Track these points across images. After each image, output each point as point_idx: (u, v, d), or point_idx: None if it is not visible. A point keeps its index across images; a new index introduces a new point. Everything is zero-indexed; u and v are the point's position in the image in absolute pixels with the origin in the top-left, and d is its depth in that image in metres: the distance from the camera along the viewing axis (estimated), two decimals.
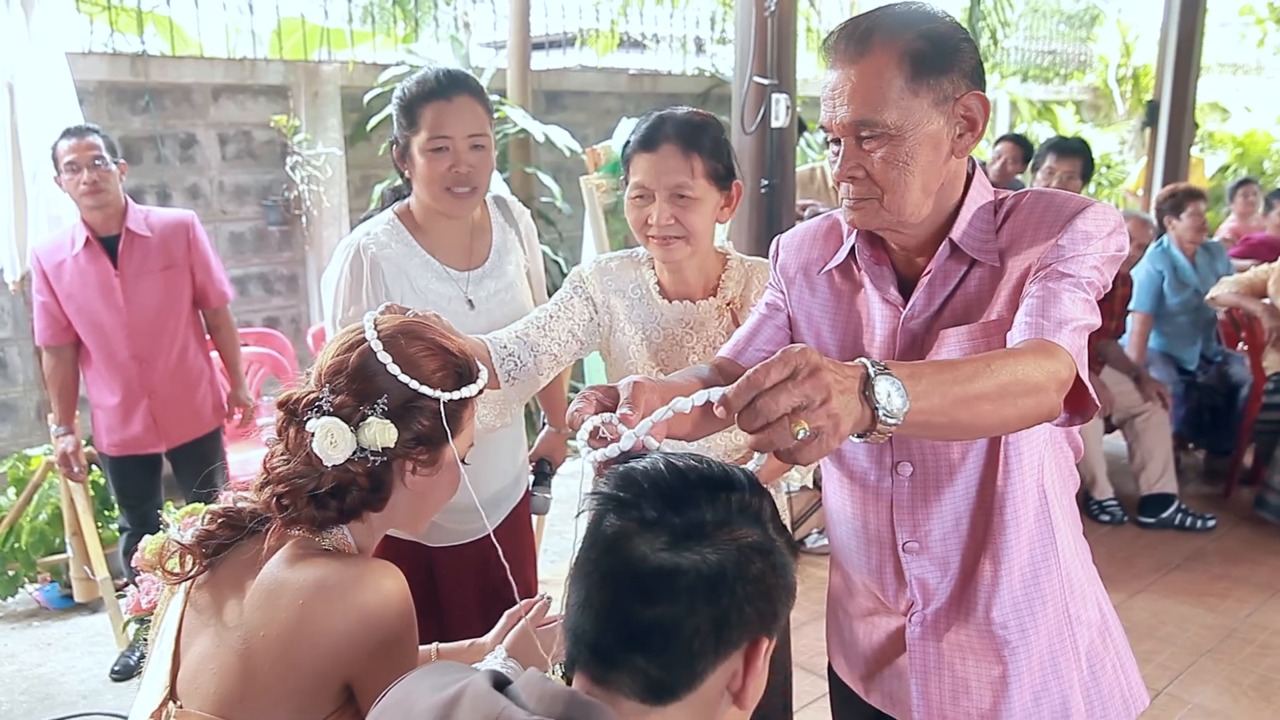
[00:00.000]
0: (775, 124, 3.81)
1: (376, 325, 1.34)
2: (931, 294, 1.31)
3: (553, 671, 1.34)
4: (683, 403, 0.99)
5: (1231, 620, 3.51)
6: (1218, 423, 4.74)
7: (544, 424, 2.49)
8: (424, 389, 1.30)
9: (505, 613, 1.52)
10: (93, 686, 3.23)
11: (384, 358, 1.29)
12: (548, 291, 2.30)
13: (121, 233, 3.14)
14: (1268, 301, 4.51)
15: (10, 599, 3.75)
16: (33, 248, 3.31)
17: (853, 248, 1.39)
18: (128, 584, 3.31)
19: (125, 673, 3.24)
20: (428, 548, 2.08)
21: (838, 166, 1.27)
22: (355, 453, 1.27)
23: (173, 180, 4.83)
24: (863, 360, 0.97)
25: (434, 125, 1.92)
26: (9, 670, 3.34)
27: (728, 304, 1.86)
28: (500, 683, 0.98)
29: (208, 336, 3.41)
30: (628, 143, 1.82)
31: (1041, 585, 1.36)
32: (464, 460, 1.38)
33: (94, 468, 3.52)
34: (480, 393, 1.38)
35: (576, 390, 5.38)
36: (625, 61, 7.29)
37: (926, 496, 1.35)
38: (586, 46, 7.21)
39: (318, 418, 1.27)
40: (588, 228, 3.92)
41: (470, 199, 1.99)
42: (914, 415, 0.97)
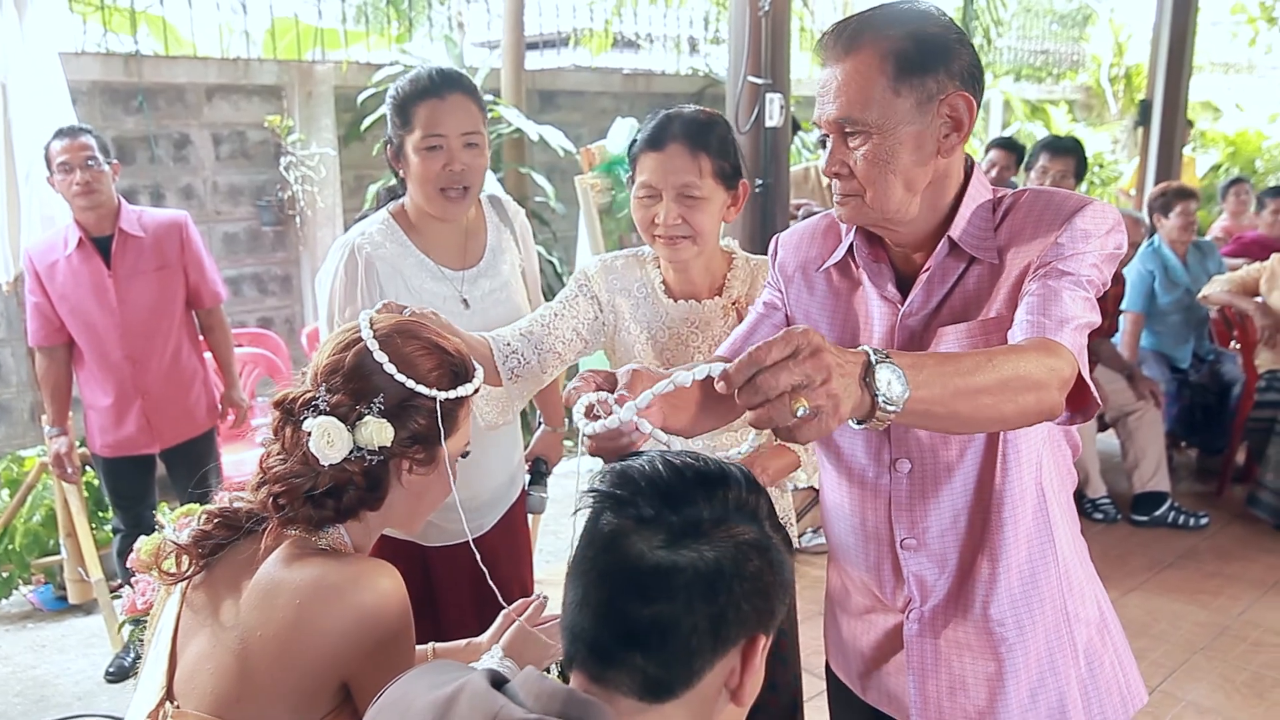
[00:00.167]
0: (769, 123, 3.81)
1: (372, 324, 1.34)
2: (930, 291, 1.32)
3: (547, 671, 1.34)
4: (683, 376, 1.00)
5: (1224, 618, 3.52)
6: (1210, 421, 4.75)
7: (540, 424, 2.49)
8: (420, 388, 1.30)
9: (501, 612, 1.52)
10: (87, 688, 3.22)
11: (380, 357, 1.29)
12: (542, 291, 2.30)
13: (115, 233, 3.13)
14: (1260, 300, 4.53)
15: (4, 601, 3.74)
16: (26, 248, 3.30)
17: (851, 245, 1.40)
18: (122, 585, 3.31)
19: (120, 674, 3.23)
20: (423, 547, 2.08)
21: (824, 162, 1.29)
22: (352, 452, 1.27)
23: (166, 180, 4.81)
24: (865, 348, 0.99)
25: (428, 124, 1.92)
26: (3, 672, 3.33)
27: (733, 303, 1.85)
28: (498, 681, 0.98)
29: (201, 337, 3.40)
30: (634, 142, 1.82)
31: (1039, 583, 1.37)
32: (463, 456, 1.38)
33: (88, 469, 3.50)
34: (476, 391, 1.38)
35: None
36: (619, 61, 7.28)
37: (925, 493, 1.36)
38: (580, 46, 7.19)
39: (314, 417, 1.27)
40: (582, 228, 3.92)
41: (464, 199, 1.99)
42: (913, 404, 0.99)
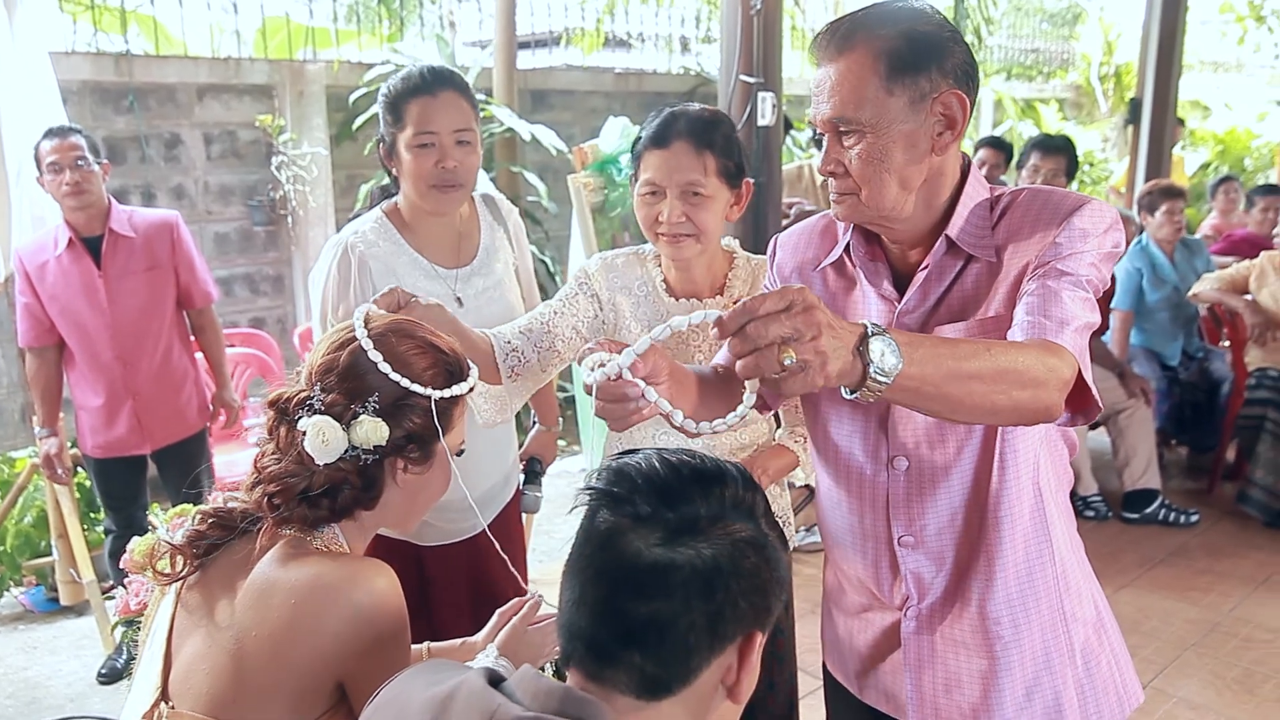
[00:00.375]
0: (761, 122, 3.81)
1: (367, 324, 1.33)
2: (927, 289, 1.32)
3: (542, 670, 1.34)
4: (679, 320, 1.05)
5: (1215, 614, 3.54)
6: (1200, 419, 4.77)
7: (534, 423, 2.49)
8: (415, 387, 1.30)
9: (496, 611, 1.52)
10: (80, 690, 3.21)
11: (375, 356, 1.29)
12: (537, 290, 2.30)
13: (105, 233, 3.12)
14: (1249, 298, 4.55)
15: None
16: (16, 249, 3.29)
17: (848, 244, 1.41)
18: (114, 587, 3.29)
19: (112, 676, 3.22)
20: (418, 547, 2.08)
21: (820, 161, 1.30)
22: (347, 451, 1.27)
23: (157, 180, 4.80)
24: (865, 321, 1.01)
25: (420, 121, 1.92)
26: None
27: (734, 302, 1.85)
28: (495, 680, 0.98)
29: (192, 337, 3.39)
30: (638, 139, 1.81)
31: (1036, 582, 1.37)
32: (458, 455, 1.38)
33: (79, 470, 3.49)
34: (471, 390, 1.38)
35: (564, 390, 5.34)
36: (611, 60, 7.28)
37: (922, 491, 1.36)
38: (572, 45, 7.19)
39: (309, 416, 1.27)
40: (575, 227, 3.92)
41: (457, 195, 1.99)
42: (904, 379, 1.01)
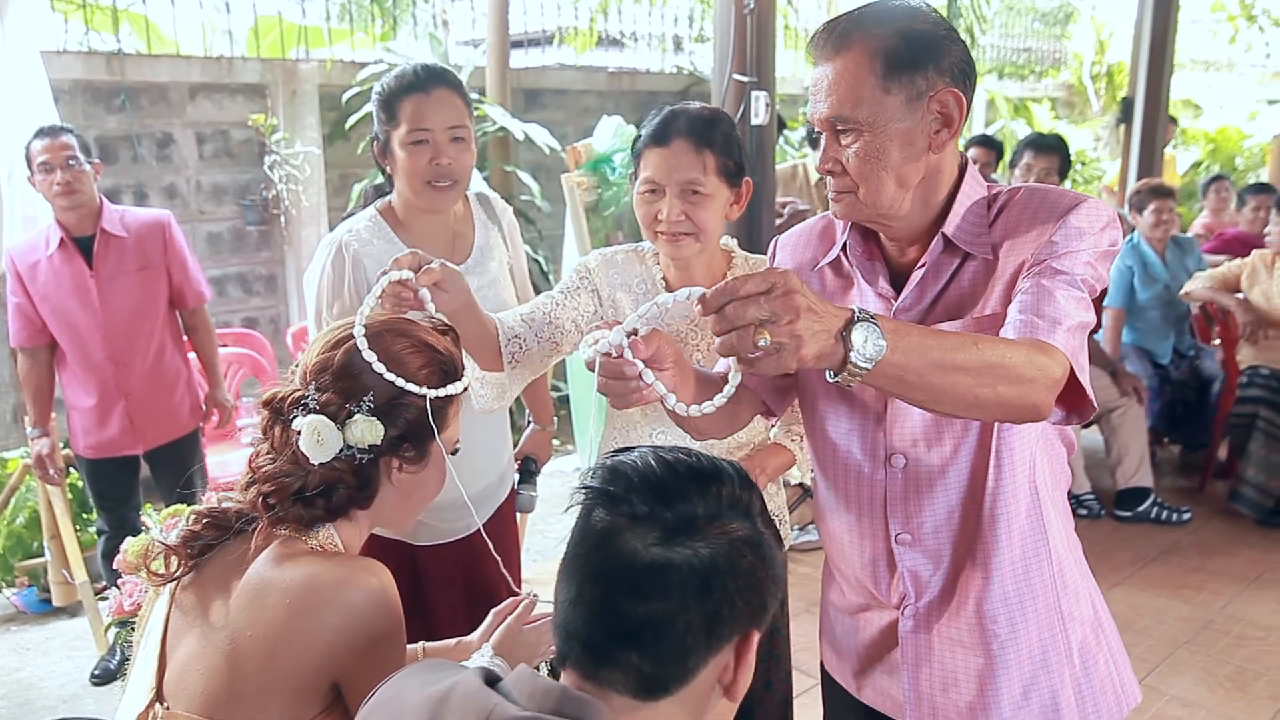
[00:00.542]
0: (755, 121, 3.81)
1: (366, 327, 1.33)
2: (924, 287, 1.32)
3: (537, 669, 1.34)
4: (665, 298, 1.09)
5: (1207, 612, 3.55)
6: (1191, 417, 4.79)
7: (529, 422, 2.49)
8: (410, 386, 1.30)
9: (491, 611, 1.52)
10: (73, 691, 3.20)
11: (369, 355, 1.29)
12: (531, 289, 2.30)
13: (96, 233, 3.10)
14: (1241, 296, 4.57)
15: None
16: (7, 249, 3.27)
17: (845, 244, 1.41)
18: (107, 587, 3.28)
19: (105, 677, 3.21)
20: (413, 546, 2.08)
21: (817, 160, 1.30)
22: (342, 451, 1.27)
23: (149, 180, 4.78)
24: (854, 307, 1.02)
25: (413, 118, 1.92)
26: None
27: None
28: (491, 679, 0.98)
29: (185, 337, 3.38)
30: (638, 137, 1.81)
31: (1033, 581, 1.37)
32: (452, 453, 1.38)
33: (71, 470, 3.48)
34: (465, 390, 1.38)
35: (559, 390, 5.32)
36: (604, 60, 7.27)
37: (919, 489, 1.36)
38: (565, 45, 7.18)
39: (303, 416, 1.27)
40: (568, 226, 3.91)
41: (451, 192, 1.99)
42: (886, 366, 1.02)
